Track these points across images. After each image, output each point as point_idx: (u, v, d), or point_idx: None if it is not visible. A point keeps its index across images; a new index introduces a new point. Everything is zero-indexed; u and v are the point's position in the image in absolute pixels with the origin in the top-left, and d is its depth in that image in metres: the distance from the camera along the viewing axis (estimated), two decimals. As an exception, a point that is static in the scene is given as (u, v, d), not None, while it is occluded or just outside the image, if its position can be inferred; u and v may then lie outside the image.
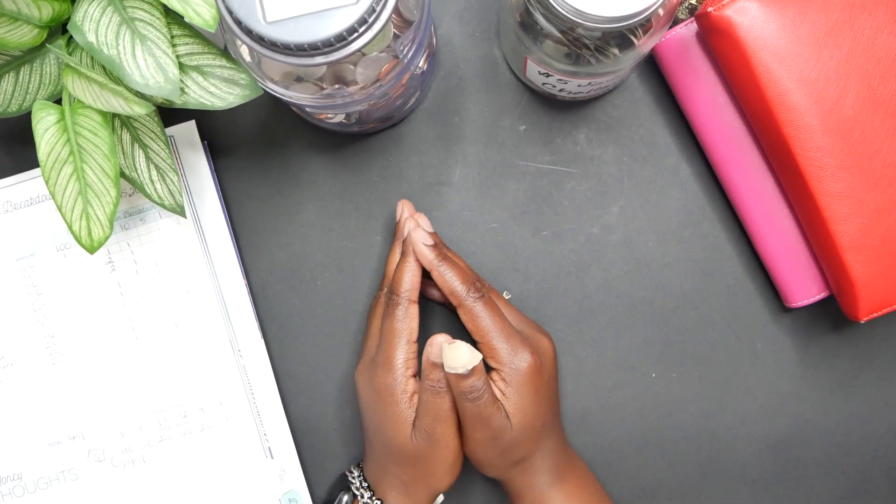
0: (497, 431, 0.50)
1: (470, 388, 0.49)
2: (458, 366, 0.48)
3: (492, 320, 0.50)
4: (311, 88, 0.47)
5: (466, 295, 0.51)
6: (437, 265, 0.51)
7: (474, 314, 0.51)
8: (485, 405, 0.49)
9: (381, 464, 0.53)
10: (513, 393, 0.50)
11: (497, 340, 0.50)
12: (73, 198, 0.50)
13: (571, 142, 0.59)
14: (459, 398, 0.49)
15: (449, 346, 0.48)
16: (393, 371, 0.51)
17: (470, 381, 0.48)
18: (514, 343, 0.50)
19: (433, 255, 0.52)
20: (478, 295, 0.51)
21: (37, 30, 0.49)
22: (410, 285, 0.51)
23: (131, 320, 0.58)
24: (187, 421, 0.57)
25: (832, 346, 0.59)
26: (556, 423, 0.54)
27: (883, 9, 0.50)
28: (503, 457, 0.51)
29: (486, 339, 0.50)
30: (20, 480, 0.57)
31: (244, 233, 0.59)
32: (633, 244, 0.59)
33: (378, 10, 0.42)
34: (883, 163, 0.51)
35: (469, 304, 0.51)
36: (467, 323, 0.51)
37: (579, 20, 0.44)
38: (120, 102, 0.46)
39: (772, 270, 0.57)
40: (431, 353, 0.49)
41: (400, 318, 0.51)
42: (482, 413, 0.49)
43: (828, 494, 0.59)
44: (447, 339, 0.49)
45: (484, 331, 0.50)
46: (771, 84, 0.50)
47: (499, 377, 0.50)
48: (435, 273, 0.51)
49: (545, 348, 0.53)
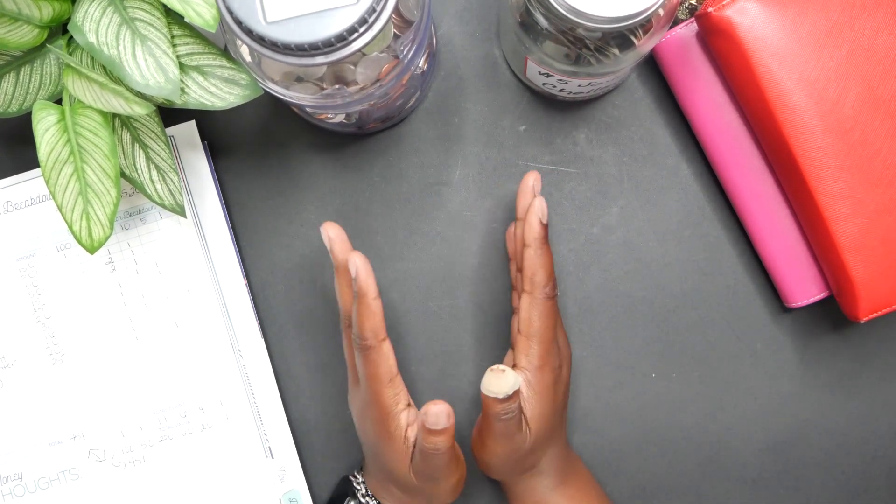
0: (517, 445, 0.49)
1: (505, 410, 0.47)
2: (501, 392, 0.46)
3: (548, 324, 0.49)
4: (312, 88, 0.47)
5: (542, 289, 0.49)
6: (538, 246, 0.48)
7: (539, 311, 0.49)
8: (513, 424, 0.48)
9: (381, 483, 0.53)
10: (534, 398, 0.49)
11: (540, 344, 0.49)
12: (74, 198, 0.50)
13: (571, 142, 0.59)
14: (491, 418, 0.48)
15: (495, 374, 0.46)
16: (384, 411, 0.49)
17: (507, 404, 0.47)
18: (551, 353, 0.49)
19: (539, 234, 0.48)
20: (552, 293, 0.49)
21: (37, 30, 0.49)
22: (377, 325, 0.48)
23: (131, 320, 0.58)
24: (188, 421, 0.57)
25: (832, 346, 0.59)
26: (562, 428, 0.54)
27: (883, 9, 0.50)
28: (516, 465, 0.51)
29: (532, 339, 0.49)
30: (21, 480, 0.57)
31: (244, 233, 0.59)
32: (633, 244, 0.59)
33: (378, 10, 0.42)
34: (883, 163, 0.51)
35: (541, 299, 0.49)
36: (525, 312, 0.49)
37: (579, 20, 0.44)
38: (120, 102, 0.46)
39: (772, 270, 0.57)
40: (429, 421, 0.46)
41: (375, 362, 0.48)
42: (508, 430, 0.48)
43: (828, 494, 0.59)
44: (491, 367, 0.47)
45: (535, 330, 0.49)
46: (771, 84, 0.50)
47: (525, 378, 0.49)
48: (529, 251, 0.48)
49: (567, 358, 0.52)
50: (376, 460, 0.52)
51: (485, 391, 0.46)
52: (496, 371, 0.46)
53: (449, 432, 0.47)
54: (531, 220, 0.48)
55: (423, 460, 0.48)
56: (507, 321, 0.59)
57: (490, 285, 0.59)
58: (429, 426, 0.47)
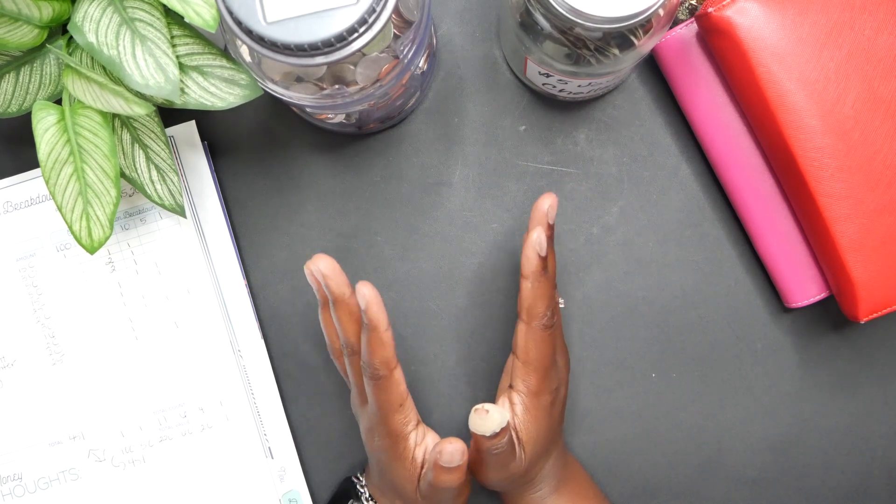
0: (513, 470, 0.49)
1: (495, 446, 0.47)
2: (488, 431, 0.46)
3: (545, 353, 0.48)
4: (311, 88, 0.47)
5: (540, 321, 0.48)
6: (535, 279, 0.47)
7: (536, 340, 0.48)
8: (506, 455, 0.48)
9: (386, 494, 0.53)
10: (529, 422, 0.49)
11: (536, 371, 0.48)
12: (74, 198, 0.50)
13: (571, 142, 0.59)
14: (483, 453, 0.48)
15: (479, 414, 0.45)
16: (393, 435, 0.48)
17: (495, 441, 0.47)
18: (548, 379, 0.49)
19: (537, 267, 0.47)
20: (550, 323, 0.48)
21: (37, 30, 0.49)
22: (386, 359, 0.47)
23: (131, 320, 0.58)
24: (187, 421, 0.57)
25: (832, 347, 0.59)
26: (559, 438, 0.53)
27: (883, 9, 0.50)
28: (513, 483, 0.51)
29: (528, 366, 0.48)
30: (20, 480, 0.57)
31: (244, 233, 0.59)
32: (633, 244, 0.59)
33: (378, 10, 0.42)
34: (883, 163, 0.51)
35: (537, 330, 0.48)
36: (522, 341, 0.48)
37: (579, 20, 0.44)
38: (120, 103, 0.46)
39: (772, 270, 0.57)
40: (442, 459, 0.46)
41: (387, 389, 0.47)
42: (502, 461, 0.48)
43: (828, 494, 0.59)
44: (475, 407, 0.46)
45: (532, 358, 0.48)
46: (771, 85, 0.50)
47: (519, 402, 0.49)
48: (526, 283, 0.47)
49: (565, 377, 0.52)
50: (383, 476, 0.51)
51: (473, 430, 0.46)
52: (480, 412, 0.45)
53: (461, 469, 0.47)
54: (528, 254, 0.47)
55: (433, 491, 0.48)
56: (507, 321, 0.59)
57: (490, 285, 0.59)
58: (442, 464, 0.46)
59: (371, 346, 0.47)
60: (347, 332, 0.49)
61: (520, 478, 0.51)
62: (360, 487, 0.54)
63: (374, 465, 0.53)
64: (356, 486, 0.54)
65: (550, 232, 0.49)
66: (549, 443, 0.51)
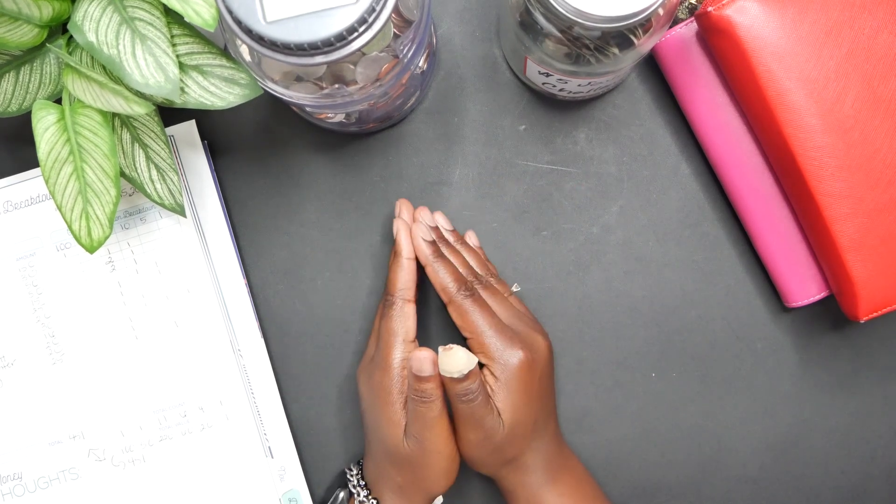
0: (490, 432, 0.50)
1: (465, 390, 0.49)
2: (454, 370, 0.48)
3: (481, 316, 0.51)
4: (311, 88, 0.47)
5: (456, 293, 0.51)
6: (431, 261, 0.52)
7: (463, 311, 0.51)
8: (479, 406, 0.49)
9: (378, 464, 0.53)
10: (502, 388, 0.50)
11: (487, 337, 0.50)
12: (73, 197, 0.50)
13: (571, 142, 0.59)
14: (454, 400, 0.49)
15: (445, 351, 0.48)
16: (389, 371, 0.51)
17: (465, 384, 0.49)
18: (504, 339, 0.50)
19: (429, 252, 0.52)
20: (467, 293, 0.51)
21: (37, 29, 0.49)
22: (404, 284, 0.52)
23: (131, 320, 0.58)
24: (187, 420, 0.57)
25: (832, 346, 0.59)
26: (549, 422, 0.53)
27: (883, 8, 0.50)
28: (494, 455, 0.51)
29: (476, 336, 0.50)
30: (20, 480, 0.57)
31: (244, 233, 0.59)
32: (633, 244, 0.59)
33: (378, 9, 0.42)
34: (883, 162, 0.51)
35: (458, 301, 0.51)
36: (456, 320, 0.51)
37: (579, 20, 0.44)
38: (120, 102, 0.46)
39: (772, 270, 0.57)
40: (413, 366, 0.49)
41: (395, 317, 0.51)
42: (476, 414, 0.49)
43: (828, 494, 0.59)
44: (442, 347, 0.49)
45: (473, 326, 0.51)
46: (771, 84, 0.50)
47: (489, 373, 0.50)
48: (428, 269, 0.52)
49: (539, 346, 0.52)
50: (375, 434, 0.52)
51: (441, 371, 0.49)
52: (447, 349, 0.48)
53: (436, 381, 0.49)
54: (417, 245, 0.53)
55: (415, 417, 0.50)
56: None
57: (490, 285, 0.59)
58: (415, 371, 0.49)
59: (392, 271, 0.53)
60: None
61: (502, 448, 0.51)
62: (349, 476, 0.55)
63: (367, 427, 0.54)
64: (346, 476, 0.55)
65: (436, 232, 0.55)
66: (533, 415, 0.51)
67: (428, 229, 0.53)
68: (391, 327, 0.51)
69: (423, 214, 0.55)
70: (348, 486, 0.55)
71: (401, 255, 0.53)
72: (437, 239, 0.54)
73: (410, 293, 0.52)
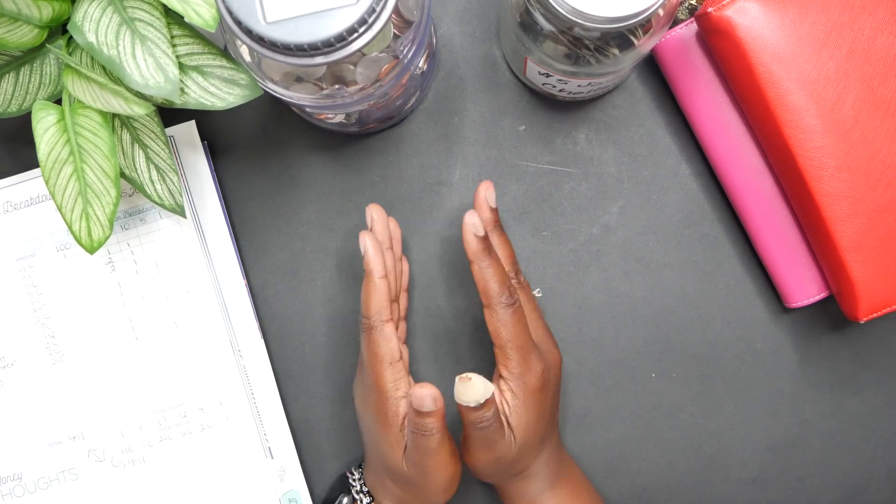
0: (502, 453, 0.49)
1: (480, 419, 0.47)
2: (471, 401, 0.47)
3: (515, 331, 0.49)
4: (311, 88, 0.47)
5: (498, 299, 0.48)
6: (479, 260, 0.49)
7: (501, 320, 0.49)
8: (493, 432, 0.48)
9: (378, 476, 0.53)
10: (519, 406, 0.49)
11: (515, 351, 0.49)
12: (73, 198, 0.50)
13: (571, 142, 0.59)
14: (468, 427, 0.48)
15: (462, 382, 0.47)
16: (382, 395, 0.49)
17: (480, 413, 0.47)
18: (530, 358, 0.49)
19: (478, 248, 0.48)
20: (510, 301, 0.49)
21: (37, 30, 0.49)
22: (379, 306, 0.49)
23: (131, 320, 0.58)
24: (187, 421, 0.57)
25: (832, 347, 0.59)
26: (553, 433, 0.53)
27: (883, 9, 0.50)
28: (503, 472, 0.51)
29: (505, 348, 0.49)
30: (20, 480, 0.57)
31: (244, 233, 0.59)
32: (633, 244, 0.59)
33: (378, 10, 0.42)
34: (883, 163, 0.51)
35: (499, 310, 0.48)
36: (490, 325, 0.49)
37: (579, 20, 0.44)
38: (120, 102, 0.46)
39: (772, 270, 0.57)
40: (414, 403, 0.47)
41: (377, 342, 0.49)
42: (489, 438, 0.48)
43: (828, 494, 0.59)
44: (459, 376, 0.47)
45: (505, 339, 0.49)
46: (771, 84, 0.50)
47: (507, 388, 0.49)
48: (474, 266, 0.49)
49: (554, 362, 0.52)
50: (374, 449, 0.52)
51: (457, 400, 0.47)
52: (464, 379, 0.46)
53: (437, 415, 0.47)
54: (466, 238, 0.48)
55: (415, 446, 0.48)
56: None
57: (490, 285, 0.59)
58: (415, 407, 0.47)
59: (365, 292, 0.49)
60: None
61: (511, 465, 0.51)
62: (352, 481, 0.54)
63: (366, 443, 0.53)
64: (348, 480, 0.55)
65: (494, 215, 0.51)
66: (542, 431, 0.51)
67: (480, 223, 0.49)
68: (375, 353, 0.49)
69: (489, 193, 0.52)
70: (351, 491, 0.54)
71: (372, 275, 0.50)
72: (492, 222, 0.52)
73: (387, 313, 0.49)
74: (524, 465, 0.51)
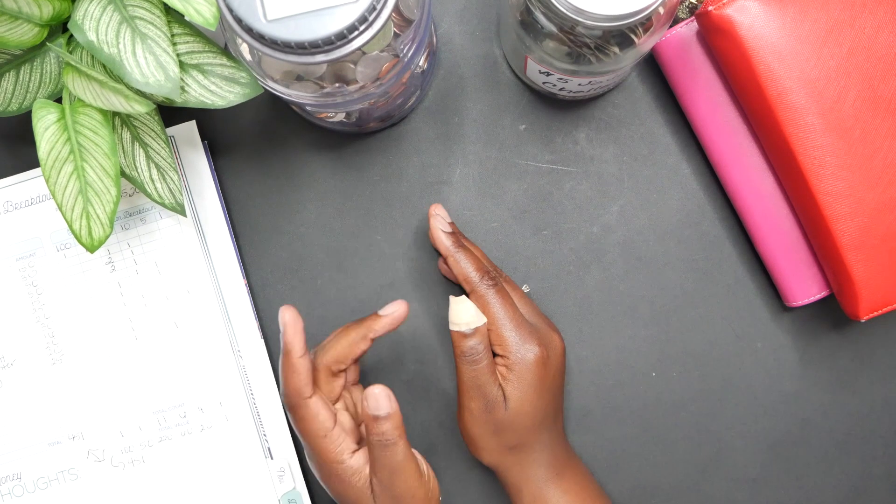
0: (491, 403, 0.50)
1: (471, 349, 0.49)
2: (462, 322, 0.48)
3: (502, 308, 0.51)
4: (312, 87, 0.47)
5: (479, 282, 0.51)
6: (454, 252, 0.52)
7: (485, 301, 0.51)
8: (482, 371, 0.49)
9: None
10: (515, 379, 0.50)
11: (506, 329, 0.50)
12: (74, 197, 0.50)
13: (571, 141, 0.59)
14: (459, 360, 0.50)
15: (455, 301, 0.49)
16: (331, 465, 0.49)
17: (471, 341, 0.49)
18: (522, 333, 0.51)
19: (450, 242, 0.53)
20: (491, 283, 0.51)
21: (37, 28, 0.49)
22: (298, 387, 0.49)
23: (131, 320, 0.58)
24: (187, 421, 0.57)
25: (832, 346, 0.59)
26: (557, 420, 0.54)
27: (883, 8, 0.50)
28: (496, 437, 0.51)
29: (496, 327, 0.51)
30: (20, 480, 0.57)
31: (244, 233, 0.59)
32: (633, 244, 0.59)
33: (378, 8, 0.42)
34: (883, 162, 0.51)
35: (481, 291, 0.51)
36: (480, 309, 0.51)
37: (580, 19, 0.44)
38: (120, 101, 0.46)
39: (772, 270, 0.57)
40: (369, 406, 0.47)
41: (304, 419, 0.49)
42: (479, 379, 0.50)
43: (828, 494, 0.59)
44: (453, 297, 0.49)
45: (493, 318, 0.51)
46: (771, 83, 0.50)
47: (503, 363, 0.50)
48: (451, 259, 0.52)
49: (554, 343, 0.53)
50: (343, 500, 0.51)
51: (451, 326, 0.49)
52: (458, 299, 0.49)
53: (394, 419, 0.47)
54: (437, 236, 0.53)
55: (381, 465, 0.48)
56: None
57: (490, 285, 0.59)
58: (370, 412, 0.47)
59: (284, 372, 0.49)
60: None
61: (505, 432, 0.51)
62: None
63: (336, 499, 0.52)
64: None
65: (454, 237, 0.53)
66: (540, 410, 0.51)
67: (445, 221, 0.54)
68: (306, 430, 0.49)
69: (439, 210, 0.55)
70: None
71: (292, 353, 0.49)
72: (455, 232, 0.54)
73: (309, 389, 0.49)
74: (522, 440, 0.51)
